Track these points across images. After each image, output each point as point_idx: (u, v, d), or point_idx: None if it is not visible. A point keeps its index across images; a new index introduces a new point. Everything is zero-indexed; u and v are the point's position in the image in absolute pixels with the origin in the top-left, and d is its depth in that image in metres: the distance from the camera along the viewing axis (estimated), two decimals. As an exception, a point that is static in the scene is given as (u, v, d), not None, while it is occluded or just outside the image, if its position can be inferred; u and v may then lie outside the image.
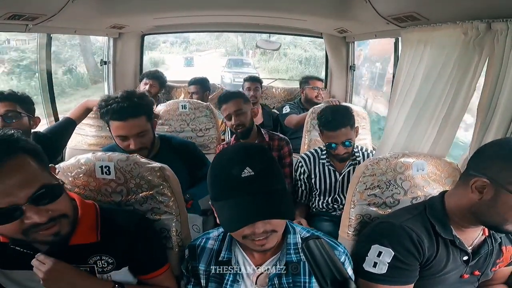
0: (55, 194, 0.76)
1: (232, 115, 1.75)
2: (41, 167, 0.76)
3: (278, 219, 0.78)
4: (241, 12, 2.29)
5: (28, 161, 0.74)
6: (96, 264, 0.90)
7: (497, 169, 0.83)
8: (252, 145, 0.89)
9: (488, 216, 0.86)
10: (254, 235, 0.77)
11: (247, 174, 0.75)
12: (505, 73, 1.07)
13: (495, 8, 1.08)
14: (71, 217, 0.82)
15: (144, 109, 1.41)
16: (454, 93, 1.26)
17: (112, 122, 1.37)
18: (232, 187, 0.77)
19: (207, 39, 13.06)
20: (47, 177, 0.76)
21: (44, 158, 0.79)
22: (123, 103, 1.34)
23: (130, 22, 2.49)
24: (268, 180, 0.77)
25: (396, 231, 0.95)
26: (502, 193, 0.82)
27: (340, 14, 1.96)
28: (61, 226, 0.78)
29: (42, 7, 1.51)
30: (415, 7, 1.35)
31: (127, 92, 1.40)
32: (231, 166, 0.77)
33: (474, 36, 1.16)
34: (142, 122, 1.39)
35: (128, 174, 1.05)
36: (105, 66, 2.93)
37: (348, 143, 1.62)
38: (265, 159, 0.80)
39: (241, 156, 0.78)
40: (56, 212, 0.76)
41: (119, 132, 1.38)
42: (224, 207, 0.78)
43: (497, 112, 1.11)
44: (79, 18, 1.91)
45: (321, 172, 1.76)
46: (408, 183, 1.17)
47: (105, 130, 2.17)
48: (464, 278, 0.99)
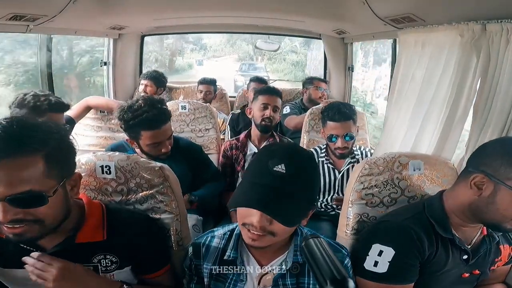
0: (36, 202, 0.72)
1: (270, 108, 1.82)
2: (48, 173, 0.73)
3: (276, 220, 0.77)
4: (240, 14, 2.31)
5: (36, 163, 0.71)
6: (100, 263, 0.90)
7: (497, 165, 0.84)
8: (302, 149, 0.89)
9: (487, 213, 0.87)
10: (252, 226, 0.78)
11: (279, 169, 0.76)
12: (500, 73, 1.08)
13: (489, 10, 1.10)
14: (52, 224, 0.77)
15: (168, 112, 1.48)
16: (456, 94, 1.28)
17: (144, 132, 1.40)
18: (261, 173, 0.79)
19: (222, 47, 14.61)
20: (45, 184, 0.72)
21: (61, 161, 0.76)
22: (152, 111, 1.38)
23: (130, 23, 2.50)
24: (293, 185, 0.77)
25: (396, 230, 0.96)
26: (501, 189, 0.83)
27: (338, 15, 1.97)
28: (29, 230, 0.73)
29: (44, 7, 1.51)
30: (411, 8, 1.37)
31: (148, 100, 1.44)
32: (271, 156, 0.79)
33: (470, 37, 1.17)
34: (169, 125, 1.48)
35: (129, 173, 1.06)
36: (105, 66, 2.94)
37: (349, 137, 1.65)
38: (304, 167, 0.80)
39: (284, 153, 0.79)
40: (29, 216, 0.72)
41: (154, 140, 1.42)
42: (242, 185, 0.82)
43: (493, 112, 1.13)
44: (80, 19, 1.92)
45: (320, 170, 1.77)
46: (405, 182, 1.18)
47: (104, 131, 2.18)
48: (464, 277, 0.99)
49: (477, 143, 1.18)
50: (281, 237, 0.82)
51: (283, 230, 0.80)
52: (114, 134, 2.15)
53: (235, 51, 14.67)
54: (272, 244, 0.83)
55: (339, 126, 1.65)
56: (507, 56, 1.05)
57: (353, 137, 1.67)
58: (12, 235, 0.73)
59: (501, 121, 1.10)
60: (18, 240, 0.76)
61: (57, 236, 0.85)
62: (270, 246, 0.85)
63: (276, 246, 0.88)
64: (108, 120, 2.16)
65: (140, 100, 1.44)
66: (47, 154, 0.72)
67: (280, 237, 0.81)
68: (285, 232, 0.81)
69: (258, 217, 0.76)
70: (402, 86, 1.57)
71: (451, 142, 1.34)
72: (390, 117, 1.64)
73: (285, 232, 0.82)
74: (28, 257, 0.82)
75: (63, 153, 0.77)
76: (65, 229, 0.85)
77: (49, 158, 0.72)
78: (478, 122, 1.19)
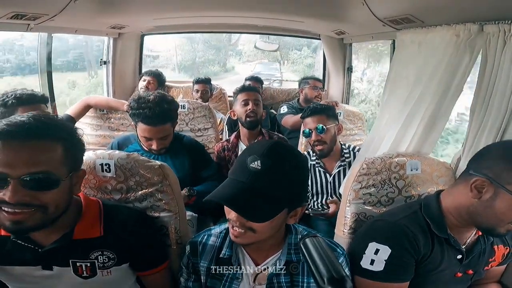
0: (49, 184, 0.75)
1: (250, 102, 1.84)
2: (64, 159, 0.78)
3: (243, 216, 0.78)
4: (240, 14, 2.31)
5: (56, 149, 0.77)
6: (97, 259, 0.91)
7: (499, 169, 0.84)
8: (286, 146, 0.88)
9: (484, 217, 0.88)
10: (233, 221, 0.81)
11: (255, 166, 0.78)
12: (497, 74, 1.09)
13: (487, 11, 1.10)
14: (54, 213, 0.79)
15: (172, 115, 1.53)
16: (443, 92, 1.28)
17: (140, 124, 1.48)
18: (239, 170, 0.81)
19: (255, 53, 16.48)
20: (58, 168, 0.77)
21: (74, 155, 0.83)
22: (155, 109, 1.44)
23: (130, 22, 2.51)
24: (268, 182, 0.78)
25: (392, 229, 0.97)
26: (501, 193, 0.83)
27: (338, 16, 1.98)
28: (30, 217, 0.75)
29: (45, 6, 1.52)
30: (410, 9, 1.38)
31: (158, 97, 1.49)
32: (250, 153, 0.80)
33: (466, 37, 1.18)
34: (167, 127, 1.51)
35: (128, 172, 1.07)
36: (104, 65, 2.94)
37: (321, 128, 1.69)
38: (281, 163, 0.80)
39: (262, 149, 0.80)
40: (36, 201, 0.74)
41: (145, 134, 1.49)
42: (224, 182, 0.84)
43: (490, 113, 1.13)
44: (80, 18, 1.93)
45: (312, 174, 1.78)
46: (402, 182, 1.19)
47: (104, 129, 2.18)
48: (458, 276, 1.00)
49: (473, 144, 1.19)
50: (264, 235, 0.82)
51: (262, 227, 0.80)
52: (114, 133, 2.15)
53: (266, 56, 16.24)
54: (259, 241, 0.83)
55: (311, 120, 1.74)
56: (504, 57, 1.06)
57: (324, 130, 1.70)
58: (10, 223, 0.74)
59: (498, 122, 1.11)
60: (16, 230, 0.76)
61: (54, 233, 0.86)
62: (262, 244, 0.86)
63: (269, 245, 0.89)
64: (107, 119, 2.16)
65: (154, 94, 1.50)
66: (65, 144, 0.79)
67: (262, 234, 0.82)
68: (265, 229, 0.81)
69: (235, 212, 0.79)
70: (395, 85, 1.58)
71: (432, 139, 1.35)
72: (382, 115, 1.65)
73: (267, 230, 0.82)
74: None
75: (77, 147, 0.85)
76: (63, 225, 0.86)
77: (66, 147, 0.79)
78: (474, 123, 1.20)
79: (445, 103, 1.29)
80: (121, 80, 3.01)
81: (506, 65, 1.06)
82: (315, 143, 1.72)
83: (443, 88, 1.27)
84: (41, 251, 0.86)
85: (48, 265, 0.88)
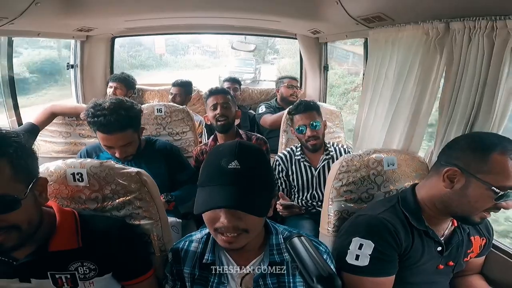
0: (8, 206, 0.72)
1: (219, 106, 1.80)
2: (14, 177, 0.73)
3: (244, 211, 0.77)
4: (215, 14, 2.28)
5: (5, 168, 0.71)
6: (77, 271, 0.88)
7: (468, 159, 0.89)
8: (248, 143, 0.89)
9: (458, 206, 0.91)
10: (224, 228, 0.78)
11: (233, 166, 0.77)
12: (463, 71, 1.14)
13: (453, 8, 1.15)
14: (28, 230, 0.77)
15: (131, 122, 1.46)
16: (421, 92, 1.33)
17: (98, 132, 1.42)
18: (217, 176, 0.79)
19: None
20: (12, 187, 0.72)
21: (25, 167, 0.76)
22: (110, 116, 1.38)
23: (99, 24, 2.40)
24: (251, 177, 0.78)
25: (373, 223, 0.99)
26: (472, 182, 0.87)
27: (313, 15, 2.00)
28: (7, 238, 0.73)
29: (3, 9, 1.41)
30: (382, 8, 1.42)
31: (115, 104, 1.42)
32: (222, 156, 0.79)
33: (434, 36, 1.23)
34: (127, 135, 1.44)
35: (103, 180, 1.02)
36: (71, 69, 2.80)
37: (316, 124, 1.74)
38: (256, 158, 0.82)
39: (234, 149, 0.79)
40: (4, 223, 0.72)
41: (104, 143, 1.44)
42: (203, 192, 0.80)
43: (457, 108, 1.18)
44: (43, 21, 1.81)
45: (297, 169, 1.80)
46: (381, 178, 1.22)
47: (74, 137, 2.07)
48: (440, 268, 1.03)
49: (444, 137, 1.24)
50: (255, 232, 0.83)
51: (254, 224, 0.80)
52: (85, 140, 2.05)
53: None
54: (250, 241, 0.83)
55: (304, 116, 1.75)
56: (469, 53, 1.11)
57: (318, 126, 1.74)
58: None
59: (466, 116, 1.15)
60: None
61: (28, 246, 0.82)
62: (246, 246, 0.84)
63: (252, 246, 0.89)
64: (77, 125, 2.05)
65: (111, 101, 1.43)
66: (10, 157, 0.72)
67: (254, 232, 0.82)
68: (257, 226, 0.82)
69: (226, 217, 0.76)
70: (374, 84, 1.62)
71: (417, 137, 1.41)
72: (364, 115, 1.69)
73: (258, 226, 0.83)
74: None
75: (26, 157, 0.77)
76: (36, 238, 0.82)
77: (12, 161, 0.72)
78: (444, 117, 1.24)
79: (425, 101, 1.34)
80: (91, 84, 2.86)
81: (471, 62, 1.10)
82: (310, 139, 1.74)
83: (421, 86, 1.33)
84: (16, 264, 0.82)
85: (26, 278, 0.85)
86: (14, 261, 0.82)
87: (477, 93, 1.11)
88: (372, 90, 1.65)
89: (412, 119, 1.39)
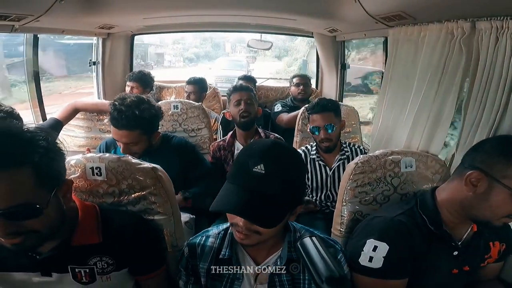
0: (31, 213, 0.71)
1: (242, 102, 1.82)
2: (39, 183, 0.71)
3: (252, 222, 0.77)
4: (232, 12, 2.29)
5: (29, 176, 0.69)
6: (96, 265, 0.89)
7: (492, 163, 0.85)
8: (285, 145, 0.87)
9: (479, 210, 0.88)
10: (238, 226, 0.79)
11: (258, 170, 0.75)
12: (489, 71, 1.10)
13: (479, 7, 1.11)
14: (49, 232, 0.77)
15: (142, 123, 1.46)
16: (445, 92, 1.30)
17: (111, 125, 1.47)
18: (241, 175, 0.78)
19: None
20: (37, 195, 0.71)
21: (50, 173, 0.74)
22: (124, 112, 1.41)
23: (119, 22, 2.46)
24: (273, 186, 0.76)
25: (389, 225, 0.97)
26: (496, 186, 0.84)
27: (330, 14, 1.98)
28: (27, 239, 0.73)
29: (29, 7, 1.47)
30: (402, 6, 1.38)
31: (134, 101, 1.46)
32: (252, 156, 0.78)
33: (459, 35, 1.18)
34: (134, 134, 1.46)
35: (120, 175, 1.05)
36: (94, 66, 2.89)
37: (330, 127, 1.69)
38: (286, 163, 0.79)
39: (265, 151, 0.78)
40: (23, 228, 0.71)
41: (114, 136, 1.49)
42: (225, 188, 0.81)
43: (482, 110, 1.14)
44: (67, 19, 1.88)
45: (312, 168, 1.79)
46: (398, 180, 1.19)
47: (94, 131, 2.14)
48: (454, 273, 1.00)
49: (467, 140, 1.20)
50: (268, 235, 0.82)
51: (267, 229, 0.79)
52: (105, 135, 2.12)
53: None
54: (263, 241, 0.83)
55: (319, 117, 1.71)
56: (496, 54, 1.06)
57: (334, 128, 1.70)
58: (10, 246, 0.73)
59: (491, 119, 1.11)
60: (19, 250, 0.76)
61: (52, 241, 0.84)
62: (263, 244, 0.85)
63: (269, 244, 0.89)
64: (98, 121, 2.13)
65: (132, 98, 1.47)
66: (35, 164, 0.70)
67: (266, 235, 0.81)
68: (271, 231, 0.81)
69: (240, 218, 0.77)
70: (394, 84, 1.58)
71: (439, 138, 1.37)
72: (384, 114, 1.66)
73: (272, 231, 0.81)
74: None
75: (52, 161, 0.75)
76: (59, 233, 0.84)
77: (38, 167, 0.70)
78: (468, 119, 1.20)
79: (448, 103, 1.31)
80: (111, 81, 2.95)
81: (498, 62, 1.06)
82: (323, 141, 1.72)
83: (444, 87, 1.29)
84: (39, 258, 0.84)
85: (47, 271, 0.87)
86: (37, 255, 0.84)
87: (503, 95, 1.06)
88: (392, 90, 1.61)
89: (434, 120, 1.35)
